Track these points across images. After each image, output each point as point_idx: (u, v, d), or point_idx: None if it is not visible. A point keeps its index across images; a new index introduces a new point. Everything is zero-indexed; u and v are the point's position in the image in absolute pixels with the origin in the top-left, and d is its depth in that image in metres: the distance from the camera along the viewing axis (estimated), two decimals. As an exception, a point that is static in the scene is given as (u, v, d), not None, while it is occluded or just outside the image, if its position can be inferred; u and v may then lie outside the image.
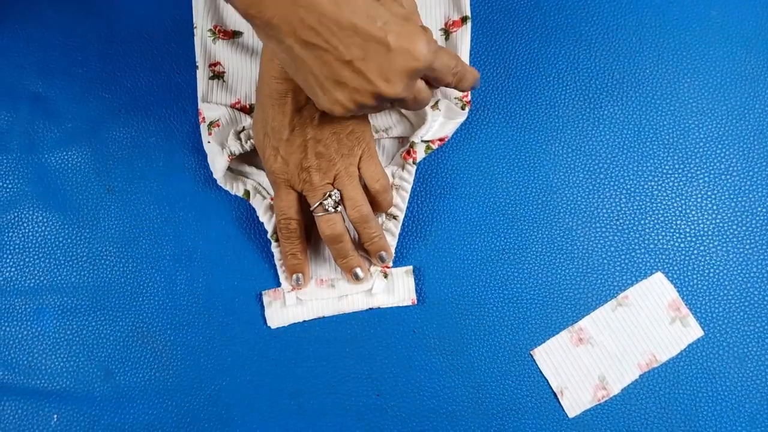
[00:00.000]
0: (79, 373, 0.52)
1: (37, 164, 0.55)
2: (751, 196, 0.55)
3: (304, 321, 0.53)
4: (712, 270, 0.54)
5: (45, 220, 0.55)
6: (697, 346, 0.52)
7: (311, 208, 0.49)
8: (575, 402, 0.51)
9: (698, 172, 0.55)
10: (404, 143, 0.55)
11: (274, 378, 0.52)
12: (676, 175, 0.55)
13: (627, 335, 0.52)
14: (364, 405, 0.52)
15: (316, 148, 0.47)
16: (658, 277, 0.54)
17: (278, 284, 0.53)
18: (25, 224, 0.54)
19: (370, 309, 0.53)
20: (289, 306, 0.53)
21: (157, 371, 0.52)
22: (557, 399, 0.52)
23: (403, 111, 0.54)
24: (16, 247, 0.54)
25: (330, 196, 0.48)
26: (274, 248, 0.52)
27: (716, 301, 0.53)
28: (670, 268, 0.54)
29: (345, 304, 0.53)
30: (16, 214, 0.55)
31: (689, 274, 0.54)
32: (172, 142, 0.56)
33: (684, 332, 0.52)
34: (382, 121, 0.54)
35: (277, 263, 0.53)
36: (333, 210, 0.49)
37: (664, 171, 0.55)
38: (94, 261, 0.54)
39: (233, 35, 0.57)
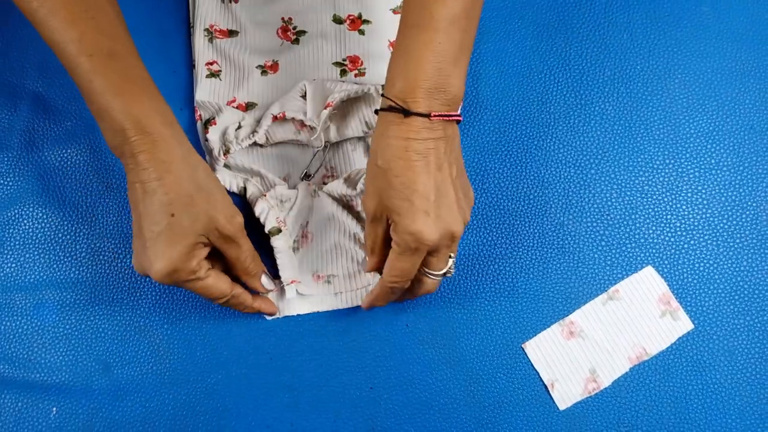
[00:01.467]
0: (77, 366, 0.53)
1: (38, 162, 0.56)
2: (740, 190, 0.55)
3: (298, 315, 0.53)
4: (702, 264, 0.54)
5: (45, 216, 0.55)
6: (687, 339, 0.53)
7: (435, 272, 0.47)
8: (566, 395, 0.52)
9: (688, 167, 0.56)
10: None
11: (269, 371, 0.53)
12: (667, 170, 0.56)
13: (617, 328, 0.53)
14: (357, 397, 0.52)
15: (465, 216, 0.46)
16: (649, 271, 0.54)
17: (275, 277, 0.54)
18: (25, 221, 0.55)
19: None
20: (287, 299, 0.53)
21: (154, 365, 0.53)
22: (548, 392, 0.52)
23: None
24: (17, 243, 0.55)
25: (450, 257, 0.47)
26: (274, 242, 0.53)
27: (706, 294, 0.53)
28: (661, 262, 0.54)
29: (341, 300, 0.54)
30: (16, 211, 0.55)
31: (679, 268, 0.54)
32: (169, 139, 0.56)
33: (674, 326, 0.53)
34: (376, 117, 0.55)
35: (276, 256, 0.53)
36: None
37: (655, 166, 0.56)
38: (92, 257, 0.55)
39: (229, 34, 0.58)
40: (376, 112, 0.44)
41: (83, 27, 0.42)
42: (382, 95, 0.44)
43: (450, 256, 0.47)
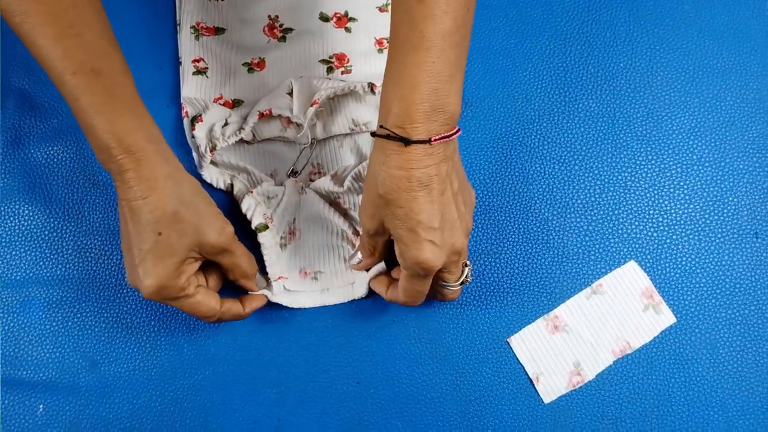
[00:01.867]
0: (64, 363, 0.53)
1: (24, 159, 0.56)
2: (722, 185, 0.56)
3: (285, 312, 0.54)
4: (684, 258, 0.55)
5: (31, 214, 0.55)
6: (670, 332, 0.53)
7: (450, 284, 0.48)
8: (551, 388, 0.52)
9: (671, 163, 0.57)
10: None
11: (256, 367, 0.53)
12: (649, 166, 0.56)
13: (601, 322, 0.53)
14: (344, 393, 0.52)
15: (468, 226, 0.47)
16: (632, 266, 0.54)
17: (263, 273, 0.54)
18: (11, 218, 0.55)
19: (351, 300, 0.54)
20: (274, 294, 0.53)
21: (141, 361, 0.53)
22: (533, 385, 0.52)
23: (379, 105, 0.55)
24: (3, 240, 0.55)
25: (466, 265, 0.48)
26: (261, 238, 0.53)
27: (688, 288, 0.54)
28: (643, 256, 0.55)
29: (328, 296, 0.54)
30: (2, 208, 0.55)
31: (662, 262, 0.55)
32: (156, 137, 0.57)
33: (657, 319, 0.53)
34: (362, 114, 0.55)
35: (263, 252, 0.53)
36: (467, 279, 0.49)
37: (638, 162, 0.57)
38: (79, 254, 0.55)
39: (216, 32, 0.58)
40: (373, 134, 0.44)
41: (67, 44, 0.42)
42: (380, 126, 0.43)
43: (465, 264, 0.48)
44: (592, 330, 0.53)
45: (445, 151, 0.43)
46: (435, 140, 0.41)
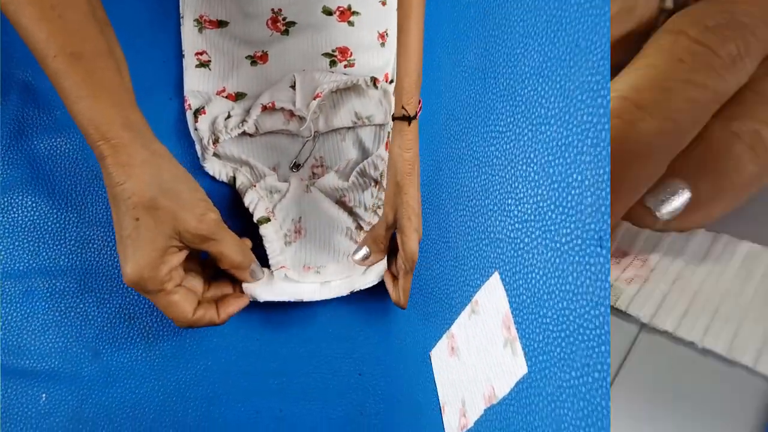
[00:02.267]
0: (67, 353, 0.53)
1: (27, 150, 0.56)
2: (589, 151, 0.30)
3: (287, 303, 0.53)
4: (537, 272, 0.33)
5: (34, 204, 0.55)
6: (522, 388, 0.33)
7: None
8: (450, 425, 0.42)
9: (522, 120, 0.35)
10: (383, 128, 0.56)
11: (258, 358, 0.53)
12: (508, 127, 0.36)
13: (477, 353, 0.39)
14: (346, 384, 0.53)
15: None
16: (495, 280, 0.38)
17: (266, 264, 0.54)
18: (14, 209, 0.55)
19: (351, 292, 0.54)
20: (276, 286, 0.53)
21: (143, 351, 0.53)
22: (441, 414, 0.45)
23: (381, 99, 0.56)
24: (6, 231, 0.55)
25: None
26: (262, 230, 0.53)
27: (538, 322, 0.32)
28: (504, 265, 0.36)
29: (329, 290, 0.54)
30: (5, 199, 0.55)
31: (518, 276, 0.35)
32: (159, 129, 0.55)
33: (513, 363, 0.34)
34: (365, 107, 0.55)
35: (266, 245, 0.53)
36: None
37: (499, 122, 0.37)
38: (82, 244, 0.55)
39: (219, 25, 0.58)
40: (394, 118, 0.43)
41: (50, 26, 0.41)
42: (401, 107, 0.42)
43: None
44: (471, 360, 0.39)
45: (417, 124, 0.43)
46: (417, 112, 0.42)
